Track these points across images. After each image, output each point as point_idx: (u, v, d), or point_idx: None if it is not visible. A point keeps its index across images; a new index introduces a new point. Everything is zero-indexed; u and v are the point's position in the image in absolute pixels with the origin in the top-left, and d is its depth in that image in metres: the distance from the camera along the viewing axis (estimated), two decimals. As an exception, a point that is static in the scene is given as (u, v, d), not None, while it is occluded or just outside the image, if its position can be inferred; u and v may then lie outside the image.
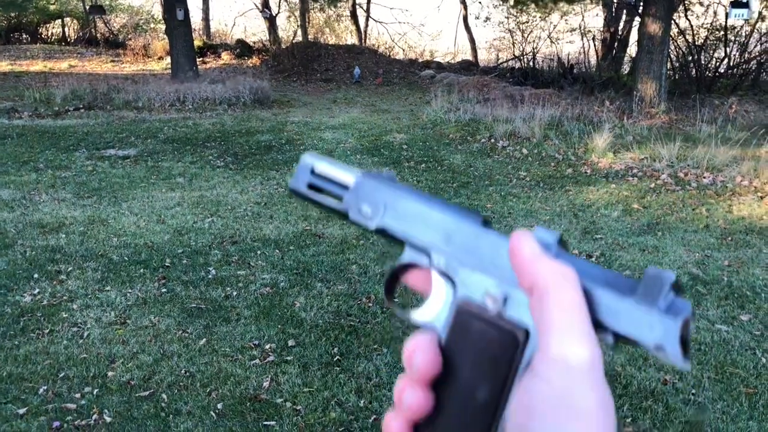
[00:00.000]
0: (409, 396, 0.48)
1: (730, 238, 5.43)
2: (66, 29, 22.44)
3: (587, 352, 0.38)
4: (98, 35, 21.51)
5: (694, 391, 3.27)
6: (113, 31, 22.11)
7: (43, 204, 5.99)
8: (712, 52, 15.30)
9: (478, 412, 0.47)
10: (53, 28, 22.34)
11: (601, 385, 0.38)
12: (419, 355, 0.48)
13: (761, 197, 6.53)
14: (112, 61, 18.26)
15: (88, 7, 20.83)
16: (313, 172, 0.62)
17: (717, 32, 15.26)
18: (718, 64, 15.26)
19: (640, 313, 0.42)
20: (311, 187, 0.61)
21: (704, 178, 7.17)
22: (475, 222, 0.52)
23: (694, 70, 15.16)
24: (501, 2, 16.34)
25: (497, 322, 0.47)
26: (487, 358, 0.47)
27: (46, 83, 12.85)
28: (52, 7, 20.55)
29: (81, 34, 21.83)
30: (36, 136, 8.96)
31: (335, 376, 3.36)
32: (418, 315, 0.52)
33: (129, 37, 21.60)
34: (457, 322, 0.50)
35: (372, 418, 3.00)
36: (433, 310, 0.52)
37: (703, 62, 15.12)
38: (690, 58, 15.20)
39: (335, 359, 3.51)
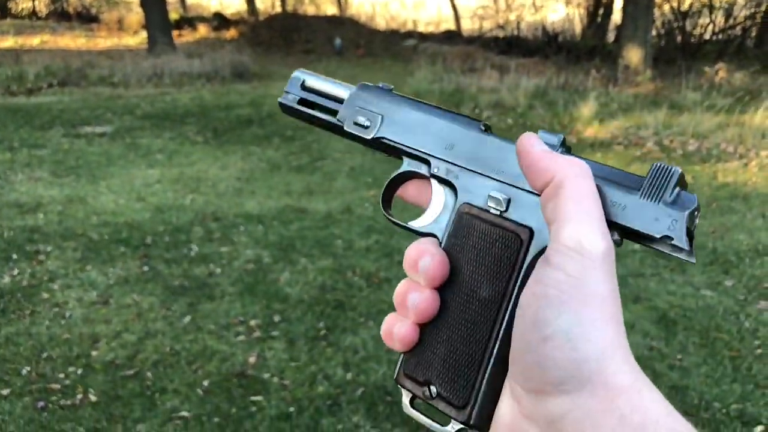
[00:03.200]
0: (417, 298, 0.49)
1: (715, 204, 5.43)
2: (36, 3, 21.91)
3: (603, 242, 0.40)
4: (70, 9, 21.04)
5: (680, 356, 3.28)
6: (86, 5, 21.63)
7: (19, 183, 5.87)
8: (697, 18, 15.24)
9: (483, 310, 0.48)
10: (23, 2, 21.80)
11: (613, 277, 0.41)
12: (427, 258, 0.49)
13: (746, 163, 6.54)
14: (86, 35, 17.88)
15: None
16: (304, 87, 0.61)
17: (702, -1, 15.20)
18: (703, 30, 15.22)
19: (647, 206, 0.44)
20: (303, 102, 0.60)
21: (690, 145, 7.17)
22: (476, 128, 0.53)
23: (679, 37, 15.12)
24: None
25: (500, 223, 0.49)
26: (490, 258, 0.49)
27: (17, 60, 12.55)
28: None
29: (53, 8, 21.34)
30: (9, 114, 8.76)
31: (322, 350, 3.32)
32: (418, 222, 0.53)
33: (102, 10, 21.15)
34: (459, 225, 0.50)
35: (360, 390, 2.98)
36: (433, 216, 0.53)
37: (688, 29, 15.07)
38: (675, 24, 15.15)
39: (321, 333, 3.47)
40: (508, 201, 0.49)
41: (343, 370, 3.15)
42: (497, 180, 0.50)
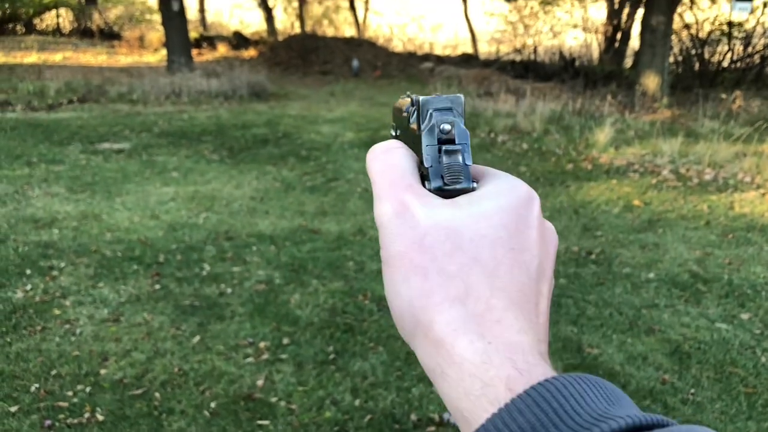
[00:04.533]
0: None
1: (731, 235, 5.37)
2: (61, 20, 22.28)
3: (387, 205, 0.42)
4: (93, 26, 21.38)
5: (693, 390, 3.23)
6: (108, 22, 21.97)
7: (36, 198, 5.92)
8: (715, 46, 15.20)
9: None
10: (49, 19, 22.18)
11: (413, 227, 0.40)
12: None
13: (763, 194, 6.48)
14: (107, 52, 18.14)
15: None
16: None
17: (721, 26, 15.16)
18: (721, 58, 15.17)
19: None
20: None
21: (706, 174, 7.11)
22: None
23: (697, 64, 15.08)
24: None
25: None
26: None
27: (40, 75, 12.74)
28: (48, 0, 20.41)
29: (76, 25, 21.69)
30: (29, 129, 8.87)
31: (330, 374, 3.30)
32: None
33: (124, 28, 21.47)
34: None
35: (368, 417, 2.95)
36: None
37: (706, 56, 15.03)
38: (693, 52, 15.11)
39: (330, 358, 3.45)
40: None
41: (352, 396, 3.12)
42: None
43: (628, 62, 17.13)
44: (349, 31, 23.41)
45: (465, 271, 0.38)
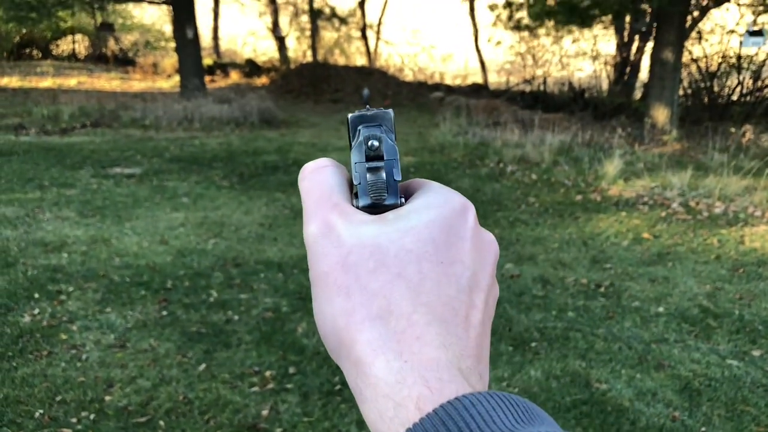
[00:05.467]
0: None
1: (741, 270, 5.33)
2: (76, 46, 22.62)
3: (313, 225, 0.41)
4: (108, 52, 21.68)
5: (704, 428, 3.17)
6: (123, 48, 22.28)
7: (47, 222, 5.96)
8: (724, 79, 15.24)
9: None
10: (65, 44, 22.52)
11: (337, 246, 0.40)
12: None
13: (773, 228, 6.44)
14: (121, 78, 18.37)
15: (98, 25, 21.02)
16: None
17: (730, 59, 15.21)
18: (730, 91, 15.20)
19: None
20: None
21: (716, 207, 7.08)
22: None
23: (706, 98, 15.11)
24: (513, 27, 16.35)
25: None
26: None
27: (54, 100, 12.89)
28: (66, 24, 20.72)
29: (91, 50, 22.01)
30: (42, 153, 8.96)
31: (336, 405, 3.27)
32: None
33: (139, 54, 21.76)
34: None
35: (373, 451, 2.92)
36: None
37: (715, 89, 15.07)
38: (702, 85, 15.16)
39: (336, 388, 3.43)
40: None
41: (357, 428, 3.09)
42: None
43: (638, 94, 17.18)
44: (360, 61, 23.64)
45: (388, 288, 0.38)
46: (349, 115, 0.46)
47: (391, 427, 0.34)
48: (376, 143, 0.43)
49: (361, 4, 22.36)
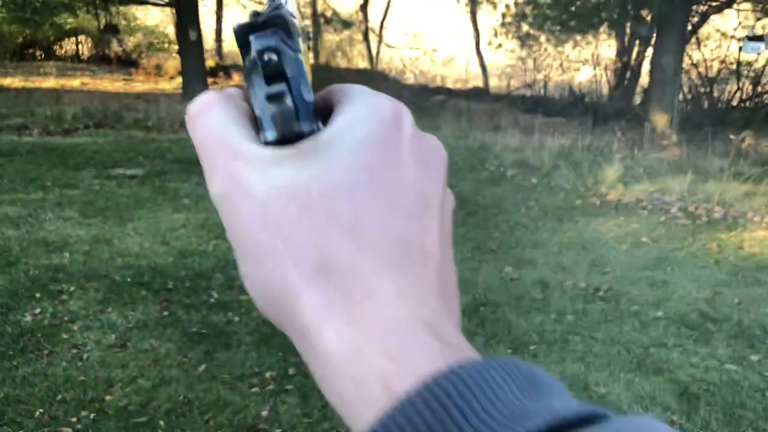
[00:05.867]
0: None
1: (740, 275, 5.35)
2: (80, 47, 22.68)
3: (216, 182, 0.34)
4: (112, 54, 21.74)
5: (702, 433, 3.20)
6: (126, 49, 22.33)
7: (49, 222, 5.98)
8: (724, 85, 15.27)
9: None
10: (68, 45, 22.58)
11: (249, 199, 0.32)
12: None
13: (772, 233, 6.46)
14: (124, 79, 18.41)
15: (102, 27, 21.07)
16: None
17: (730, 65, 15.24)
18: (730, 97, 15.23)
19: None
20: None
21: (715, 212, 7.10)
22: None
23: (706, 103, 15.14)
24: (514, 32, 16.40)
25: None
26: None
27: (57, 100, 12.93)
28: (68, 26, 20.78)
29: (95, 52, 22.06)
30: (45, 153, 8.99)
31: (335, 407, 3.29)
32: None
33: (142, 56, 21.81)
34: None
35: (372, 452, 2.93)
36: None
37: (715, 95, 15.09)
38: (702, 90, 15.19)
39: (336, 390, 3.44)
40: None
41: (356, 429, 3.11)
42: None
43: (637, 99, 17.21)
44: (362, 64, 23.69)
45: (320, 236, 0.31)
46: (234, 26, 0.36)
47: (357, 410, 0.29)
48: (273, 57, 0.34)
49: (364, 8, 22.42)
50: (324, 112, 0.37)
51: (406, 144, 0.35)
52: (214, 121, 0.36)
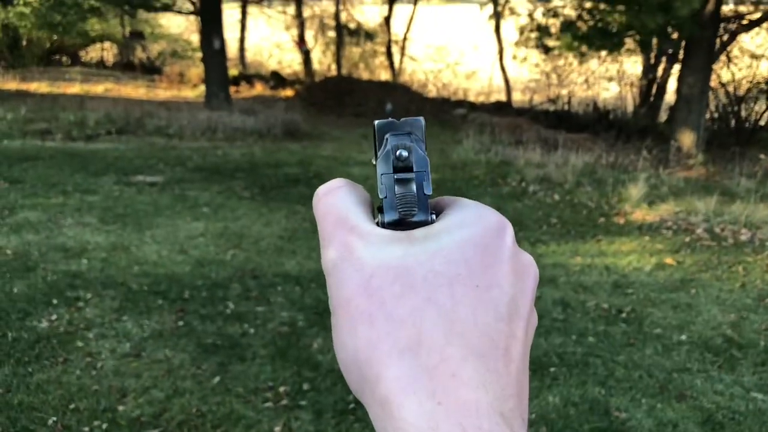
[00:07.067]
0: None
1: (767, 300, 5.22)
2: (105, 53, 22.96)
3: (331, 250, 0.38)
4: (136, 60, 21.97)
5: (728, 464, 3.09)
6: (150, 57, 22.57)
7: (68, 228, 5.99)
8: (753, 104, 15.04)
9: None
10: (93, 51, 22.87)
11: (359, 270, 0.36)
12: None
13: (801, 257, 6.30)
14: (148, 86, 18.57)
15: (128, 34, 21.30)
16: None
17: (759, 84, 15.03)
18: (758, 117, 15.00)
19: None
20: None
21: (742, 234, 6.96)
22: None
23: (733, 122, 14.92)
24: (543, 51, 16.29)
25: None
26: None
27: (81, 106, 13.06)
28: (94, 33, 21.05)
29: (119, 58, 22.32)
30: (67, 158, 9.05)
31: (350, 425, 3.23)
32: None
33: (166, 63, 22.01)
34: None
35: (386, 474, 2.86)
36: None
37: (743, 114, 14.88)
38: (730, 109, 14.98)
39: (350, 407, 3.38)
40: None
41: (370, 449, 3.04)
42: None
43: (663, 116, 17.02)
44: (384, 76, 23.72)
45: (417, 316, 0.34)
46: (376, 122, 0.42)
47: None
48: (405, 153, 0.39)
49: (387, 20, 22.48)
50: (435, 212, 0.41)
51: (506, 252, 0.38)
52: (339, 199, 0.40)
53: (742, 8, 13.74)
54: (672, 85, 15.54)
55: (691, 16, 10.61)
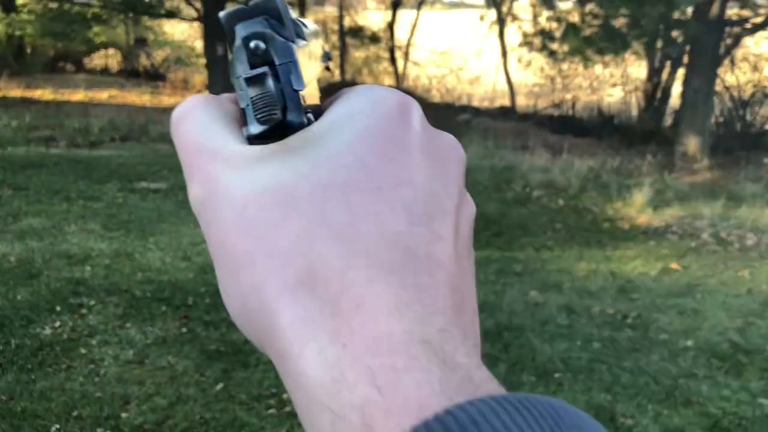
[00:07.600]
0: None
1: (774, 305, 5.19)
2: (109, 60, 23.04)
3: (194, 187, 0.31)
4: (140, 67, 22.05)
5: (735, 471, 3.06)
6: (154, 63, 22.64)
7: (72, 234, 5.99)
8: (758, 108, 15.00)
9: None
10: (98, 58, 22.95)
11: (228, 202, 0.29)
12: None
13: (807, 262, 6.27)
14: (152, 92, 18.62)
15: (133, 41, 21.38)
16: None
17: (764, 88, 15.00)
18: (764, 120, 14.96)
19: None
20: None
21: (748, 239, 6.92)
22: None
23: (739, 126, 14.88)
24: (547, 54, 16.29)
25: None
26: None
27: (85, 113, 13.09)
28: (99, 40, 21.13)
29: (124, 65, 22.40)
30: (71, 165, 9.06)
31: None
32: None
33: (170, 69, 22.08)
34: None
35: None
36: None
37: (748, 118, 14.84)
38: (735, 113, 14.94)
39: (354, 414, 3.36)
40: None
41: (374, 456, 3.02)
42: None
43: (668, 121, 16.99)
44: (388, 81, 23.77)
45: (305, 243, 0.27)
46: (220, 14, 0.32)
47: None
48: (261, 44, 0.31)
49: (391, 25, 22.53)
50: (320, 112, 0.32)
51: (414, 140, 0.31)
52: (195, 122, 0.33)
53: (746, 12, 13.72)
54: (677, 89, 15.51)
55: (694, 8, 10.60)
